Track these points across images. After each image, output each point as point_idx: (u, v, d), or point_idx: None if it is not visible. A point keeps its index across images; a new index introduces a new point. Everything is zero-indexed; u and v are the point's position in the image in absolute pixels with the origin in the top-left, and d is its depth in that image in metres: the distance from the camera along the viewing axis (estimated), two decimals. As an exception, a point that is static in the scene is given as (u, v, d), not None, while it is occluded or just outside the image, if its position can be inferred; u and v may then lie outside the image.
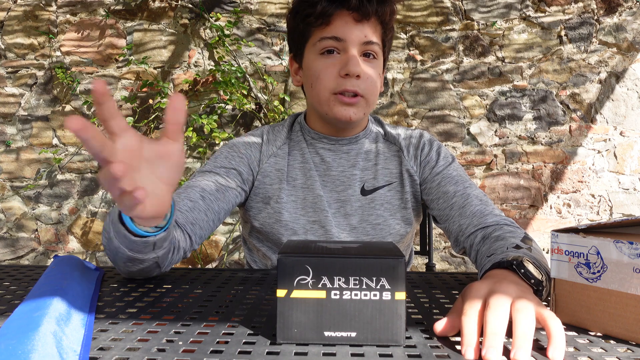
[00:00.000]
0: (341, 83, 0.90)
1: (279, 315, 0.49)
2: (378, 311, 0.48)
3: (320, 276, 0.48)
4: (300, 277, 0.48)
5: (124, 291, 0.73)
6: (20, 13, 2.59)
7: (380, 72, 0.96)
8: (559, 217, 2.58)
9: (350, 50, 0.90)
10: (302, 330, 0.48)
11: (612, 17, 2.53)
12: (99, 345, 0.50)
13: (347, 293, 0.48)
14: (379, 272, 0.48)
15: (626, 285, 0.51)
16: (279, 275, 0.48)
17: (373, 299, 0.48)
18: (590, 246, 0.54)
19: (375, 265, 0.49)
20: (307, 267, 0.48)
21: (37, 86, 2.60)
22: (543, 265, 0.67)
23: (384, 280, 0.48)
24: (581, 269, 0.55)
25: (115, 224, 0.65)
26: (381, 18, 0.92)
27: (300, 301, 0.48)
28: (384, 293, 0.48)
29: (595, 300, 0.54)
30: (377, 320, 0.49)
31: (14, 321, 0.51)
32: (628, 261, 0.51)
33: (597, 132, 2.55)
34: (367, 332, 0.48)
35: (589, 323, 0.55)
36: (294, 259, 0.48)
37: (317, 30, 0.92)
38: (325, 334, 0.48)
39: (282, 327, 0.48)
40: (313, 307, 0.48)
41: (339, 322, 0.48)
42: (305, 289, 0.48)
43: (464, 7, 2.56)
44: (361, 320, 0.49)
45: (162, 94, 2.56)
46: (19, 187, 2.62)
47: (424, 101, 2.58)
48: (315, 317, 0.48)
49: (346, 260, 0.49)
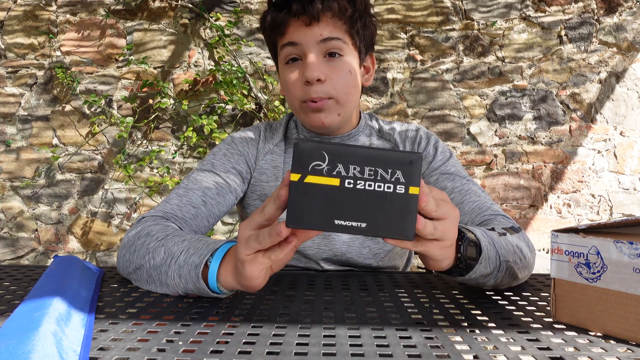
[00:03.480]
0: (306, 91, 0.88)
1: (290, 200, 0.47)
2: (390, 203, 0.48)
3: (335, 163, 0.47)
4: (316, 162, 0.47)
5: (124, 291, 0.73)
6: (20, 13, 2.59)
7: (352, 68, 0.91)
8: (559, 217, 2.58)
9: (308, 55, 0.87)
10: (312, 217, 0.47)
11: (612, 17, 2.53)
12: (99, 345, 0.50)
13: (361, 183, 0.48)
14: (396, 164, 0.48)
15: (626, 285, 0.51)
16: (294, 160, 0.48)
17: (387, 190, 0.48)
18: (590, 246, 0.54)
19: (392, 158, 0.48)
20: (323, 154, 0.47)
21: (37, 86, 2.60)
22: (498, 250, 0.68)
23: (399, 173, 0.48)
24: (581, 269, 0.55)
25: (193, 280, 0.65)
26: (335, 13, 0.88)
27: (314, 187, 0.47)
28: (398, 186, 0.48)
29: (595, 300, 0.54)
30: (388, 212, 0.48)
31: (14, 321, 0.51)
32: (628, 261, 0.51)
33: (597, 132, 2.55)
34: (377, 223, 0.48)
35: (589, 323, 0.55)
36: (312, 144, 0.47)
37: (278, 40, 0.92)
38: (336, 222, 0.48)
39: (292, 211, 0.47)
40: (326, 193, 0.47)
41: (351, 211, 0.48)
42: (320, 175, 0.47)
43: (464, 7, 2.56)
44: (373, 211, 0.48)
45: (162, 94, 2.56)
46: (19, 187, 2.62)
47: (424, 101, 2.58)
48: (327, 204, 0.47)
49: (364, 151, 0.48)
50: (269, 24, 0.91)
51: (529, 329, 0.56)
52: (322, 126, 0.91)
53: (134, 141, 2.61)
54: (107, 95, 2.59)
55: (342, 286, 0.76)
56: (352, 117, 0.99)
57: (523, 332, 0.55)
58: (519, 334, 0.54)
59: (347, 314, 0.61)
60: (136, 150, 2.61)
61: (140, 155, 2.60)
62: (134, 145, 2.61)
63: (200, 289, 0.65)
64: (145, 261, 0.71)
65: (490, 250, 0.66)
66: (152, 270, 0.71)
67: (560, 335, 0.54)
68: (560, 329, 0.56)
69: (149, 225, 0.78)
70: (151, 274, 0.71)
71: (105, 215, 2.62)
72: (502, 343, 0.51)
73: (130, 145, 2.61)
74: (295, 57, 0.89)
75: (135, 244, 0.75)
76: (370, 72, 0.99)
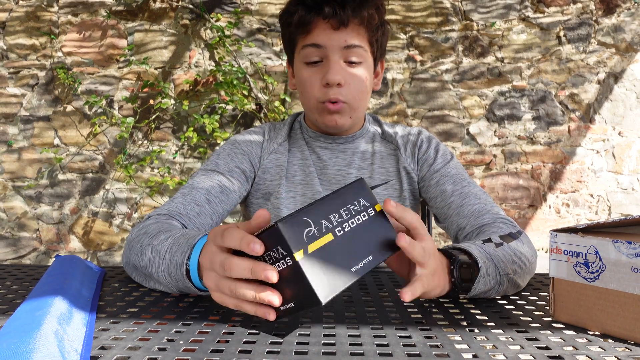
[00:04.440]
0: (325, 93, 0.91)
1: (309, 278, 0.47)
2: (373, 227, 0.53)
3: (319, 222, 0.50)
4: (307, 230, 0.49)
5: (125, 291, 0.73)
6: (22, 14, 2.59)
7: (367, 74, 0.94)
8: (557, 217, 2.58)
9: (331, 58, 0.90)
10: (333, 279, 0.48)
11: (610, 18, 2.53)
12: (100, 344, 0.50)
13: (346, 224, 0.51)
14: (353, 196, 0.54)
15: (624, 285, 0.52)
16: (287, 241, 0.47)
17: (364, 219, 0.53)
18: (588, 246, 0.55)
19: (348, 193, 0.54)
20: (307, 220, 0.49)
21: (38, 86, 2.60)
22: (497, 264, 0.68)
23: (362, 200, 0.54)
24: (580, 268, 0.55)
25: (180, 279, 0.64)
26: (363, 21, 0.90)
27: (319, 252, 0.48)
28: (369, 210, 0.54)
29: (594, 300, 0.54)
30: (377, 234, 0.53)
31: (16, 320, 0.51)
32: (626, 260, 0.51)
33: (596, 132, 2.56)
34: (377, 249, 0.52)
35: (588, 322, 0.55)
36: (294, 218, 0.48)
37: (300, 38, 0.93)
38: (353, 270, 0.50)
39: (317, 286, 0.47)
40: (330, 251, 0.49)
41: (355, 252, 0.50)
42: (315, 239, 0.49)
43: (463, 7, 2.57)
44: (368, 241, 0.52)
45: (162, 94, 2.57)
46: (20, 187, 2.63)
47: (424, 101, 2.59)
48: (337, 259, 0.49)
49: (329, 200, 0.52)
50: (295, 22, 0.91)
51: (528, 328, 0.56)
52: (336, 126, 0.95)
53: (134, 141, 2.61)
54: (108, 96, 2.60)
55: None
56: (360, 119, 1.02)
57: (522, 331, 0.55)
58: (518, 333, 0.55)
59: (347, 313, 0.61)
60: (137, 151, 2.61)
61: (141, 156, 2.60)
62: (135, 146, 2.61)
63: (189, 287, 0.64)
64: (138, 260, 0.72)
65: (489, 265, 0.66)
66: (145, 270, 0.71)
67: (559, 334, 0.54)
68: (559, 328, 0.56)
69: (149, 224, 0.79)
70: (146, 272, 0.71)
71: (107, 215, 2.62)
72: (501, 342, 0.52)
73: (131, 146, 2.61)
74: (316, 58, 0.91)
75: (132, 243, 0.76)
76: (379, 76, 1.01)
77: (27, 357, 0.41)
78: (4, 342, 0.44)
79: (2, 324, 0.56)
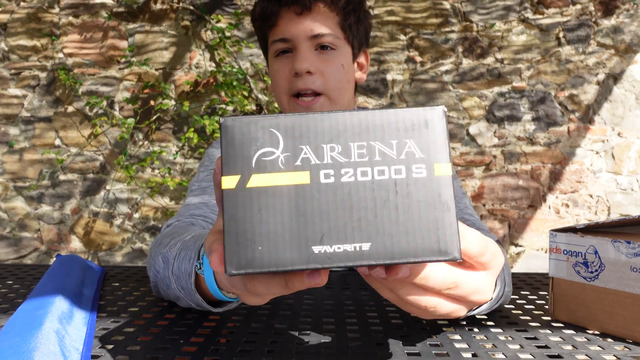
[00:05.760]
0: (294, 83, 0.82)
1: (226, 224, 0.28)
2: (406, 199, 0.28)
3: (298, 146, 0.29)
4: (264, 149, 0.29)
5: (125, 290, 0.74)
6: (23, 15, 2.60)
7: (344, 61, 0.85)
8: (557, 217, 2.59)
9: (299, 47, 0.82)
10: (271, 247, 0.28)
11: (609, 19, 2.54)
12: (101, 343, 0.50)
13: (349, 172, 0.29)
14: (403, 130, 0.29)
15: (623, 284, 0.52)
16: (222, 151, 0.29)
17: (395, 178, 0.28)
18: (588, 245, 0.55)
19: (395, 120, 0.29)
20: (274, 133, 0.29)
21: (39, 88, 2.61)
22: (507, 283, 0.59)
23: (411, 143, 0.29)
24: (579, 268, 0.56)
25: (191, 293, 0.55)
26: (330, 3, 0.83)
27: (265, 193, 0.28)
28: (415, 167, 0.29)
29: (593, 299, 0.55)
30: (405, 216, 0.28)
31: (17, 319, 0.51)
32: (625, 260, 0.52)
33: (595, 133, 2.56)
34: (388, 240, 0.28)
35: (587, 321, 0.56)
36: (249, 119, 0.29)
37: (270, 33, 0.87)
38: (315, 250, 0.28)
39: (233, 244, 0.28)
40: (289, 201, 0.28)
41: (338, 225, 0.28)
42: (273, 170, 0.29)
43: (463, 9, 2.57)
44: (377, 218, 0.28)
45: (163, 95, 2.57)
46: (21, 188, 2.63)
47: (424, 102, 2.59)
48: (293, 221, 0.28)
49: (345, 117, 0.29)
50: (258, 15, 0.86)
51: (528, 328, 0.56)
52: None
53: (135, 142, 2.62)
54: (109, 97, 2.60)
55: (342, 286, 0.77)
56: None
57: (521, 330, 0.56)
58: (518, 332, 0.55)
59: (347, 313, 0.62)
60: (138, 151, 2.62)
61: (141, 156, 2.61)
62: (136, 146, 2.62)
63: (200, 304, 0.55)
64: (153, 276, 0.63)
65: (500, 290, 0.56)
66: (161, 284, 0.61)
67: (558, 333, 0.55)
68: (559, 327, 0.57)
69: (164, 230, 0.73)
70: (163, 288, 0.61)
71: (107, 215, 2.63)
72: (501, 341, 0.52)
73: (132, 146, 2.62)
74: (286, 49, 0.84)
75: (148, 259, 0.68)
76: (364, 68, 0.94)
77: (29, 356, 0.41)
78: (5, 341, 0.44)
79: (4, 323, 0.56)
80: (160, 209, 2.60)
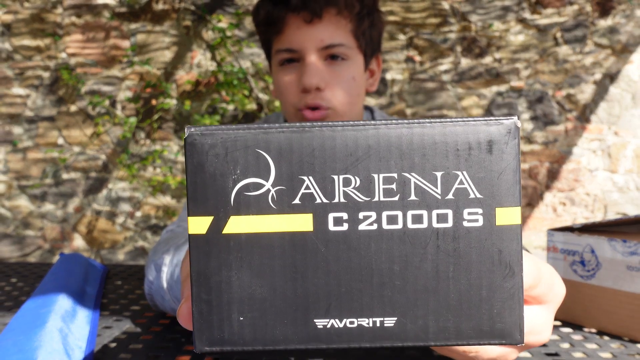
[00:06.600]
0: (302, 99, 0.76)
1: (194, 283, 0.21)
2: (451, 258, 0.21)
3: (297, 176, 0.21)
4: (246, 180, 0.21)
5: (128, 289, 0.73)
6: (27, 16, 2.62)
7: (356, 73, 0.78)
8: (554, 215, 2.62)
9: (307, 58, 0.75)
10: (257, 319, 0.21)
11: (606, 19, 2.57)
12: (104, 342, 0.50)
13: (370, 215, 0.21)
14: (454, 155, 0.21)
15: (620, 283, 0.52)
16: (188, 180, 0.22)
17: (438, 227, 0.21)
18: (585, 245, 0.55)
19: (443, 137, 0.20)
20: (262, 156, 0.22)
21: (43, 87, 2.64)
22: None
23: (464, 176, 0.21)
24: (576, 267, 0.56)
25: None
26: (341, 11, 0.74)
27: (249, 243, 0.21)
28: (467, 212, 0.21)
29: (590, 298, 0.55)
30: (448, 282, 0.21)
31: (20, 317, 0.51)
32: (621, 259, 0.52)
33: (592, 132, 2.59)
34: (422, 315, 0.21)
35: (584, 320, 0.56)
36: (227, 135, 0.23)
37: (274, 39, 0.80)
38: (318, 325, 0.21)
39: (204, 311, 0.21)
40: (283, 255, 0.21)
41: (351, 292, 0.21)
42: (260, 210, 0.21)
43: (461, 9, 2.60)
44: (408, 285, 0.21)
45: (165, 95, 2.60)
46: (25, 186, 2.66)
47: (423, 101, 2.62)
48: (289, 283, 0.21)
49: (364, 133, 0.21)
50: (262, 20, 0.79)
51: (521, 323, 0.59)
52: None
53: (137, 141, 2.64)
54: (111, 96, 2.63)
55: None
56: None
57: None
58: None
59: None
60: (140, 150, 2.64)
61: (143, 155, 2.64)
62: (138, 145, 2.64)
63: None
64: (147, 287, 0.60)
65: None
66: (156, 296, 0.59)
67: (555, 331, 0.55)
68: (556, 326, 0.57)
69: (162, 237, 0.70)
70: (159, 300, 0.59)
71: (110, 213, 2.66)
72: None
73: (134, 145, 2.64)
74: (291, 59, 0.77)
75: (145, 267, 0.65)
76: (375, 75, 0.88)
77: (32, 354, 0.41)
78: (9, 339, 0.45)
79: (8, 321, 0.57)
80: (162, 208, 2.63)
